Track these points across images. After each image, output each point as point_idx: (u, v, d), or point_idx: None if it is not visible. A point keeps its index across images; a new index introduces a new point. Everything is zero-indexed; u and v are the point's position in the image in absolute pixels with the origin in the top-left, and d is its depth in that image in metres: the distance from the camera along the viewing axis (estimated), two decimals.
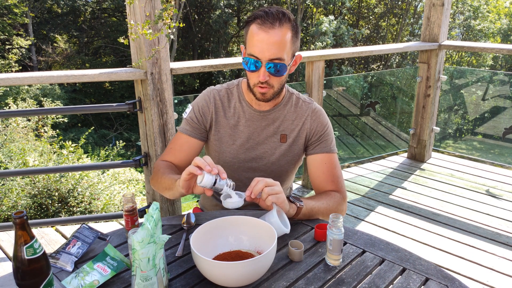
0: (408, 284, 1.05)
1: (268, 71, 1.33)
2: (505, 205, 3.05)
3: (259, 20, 1.30)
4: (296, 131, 1.50)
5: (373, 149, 4.06)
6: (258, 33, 1.30)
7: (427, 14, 3.53)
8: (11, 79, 2.00)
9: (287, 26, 1.31)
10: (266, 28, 1.29)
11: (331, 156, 1.48)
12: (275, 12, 1.30)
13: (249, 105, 1.49)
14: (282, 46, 1.31)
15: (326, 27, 18.46)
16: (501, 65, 20.53)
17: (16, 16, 16.73)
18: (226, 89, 1.53)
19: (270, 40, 1.29)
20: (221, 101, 1.51)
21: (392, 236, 2.67)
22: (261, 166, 1.51)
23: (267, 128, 1.49)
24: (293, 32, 1.34)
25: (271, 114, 1.49)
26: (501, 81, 4.43)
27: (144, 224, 0.92)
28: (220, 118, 1.51)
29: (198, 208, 1.73)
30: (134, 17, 2.02)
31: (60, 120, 9.76)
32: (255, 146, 1.50)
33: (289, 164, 1.53)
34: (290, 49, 1.35)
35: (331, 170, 1.46)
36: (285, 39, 1.31)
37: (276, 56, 1.31)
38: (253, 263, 0.98)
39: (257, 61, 1.32)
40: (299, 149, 1.52)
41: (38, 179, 4.18)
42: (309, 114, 1.50)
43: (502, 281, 2.21)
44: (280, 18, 1.30)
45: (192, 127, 1.51)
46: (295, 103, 1.51)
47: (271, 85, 1.36)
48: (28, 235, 0.86)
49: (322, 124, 1.50)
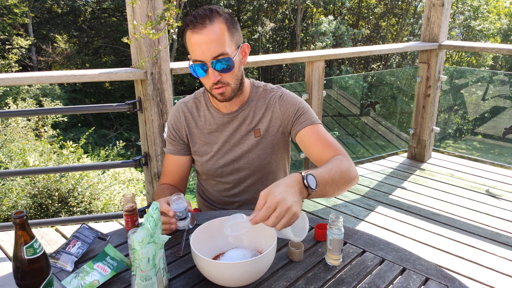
0: (408, 284, 1.05)
1: (216, 70, 1.31)
2: (505, 205, 3.05)
3: (190, 25, 1.29)
4: (267, 122, 1.47)
5: (373, 149, 4.06)
6: (193, 37, 1.29)
7: (427, 14, 3.53)
8: (11, 79, 2.00)
9: (219, 20, 1.30)
10: (198, 29, 1.28)
11: (316, 126, 1.42)
12: (202, 11, 1.29)
13: (217, 110, 1.48)
14: (220, 41, 1.29)
15: (326, 27, 18.46)
16: (501, 65, 20.53)
17: (16, 16, 16.73)
18: (193, 99, 1.53)
19: (206, 39, 1.28)
20: (190, 112, 1.51)
21: (392, 236, 2.67)
22: (244, 165, 1.50)
23: (239, 128, 1.48)
24: (228, 24, 1.32)
25: (240, 113, 1.47)
26: (501, 81, 4.43)
27: (144, 224, 0.92)
28: (193, 129, 1.51)
29: (198, 209, 1.74)
30: (134, 17, 2.02)
31: (60, 120, 9.75)
32: (233, 148, 1.49)
33: (270, 156, 1.50)
34: (231, 42, 1.32)
35: (322, 138, 1.40)
36: (221, 33, 1.29)
37: (217, 52, 1.29)
38: (253, 263, 0.98)
39: (202, 64, 1.31)
40: (277, 139, 1.49)
41: (38, 179, 4.18)
42: (276, 101, 1.47)
43: (502, 281, 2.21)
44: (208, 15, 1.29)
45: (173, 145, 1.53)
46: (262, 95, 1.49)
47: (225, 83, 1.34)
48: (28, 235, 0.86)
49: (292, 104, 1.46)
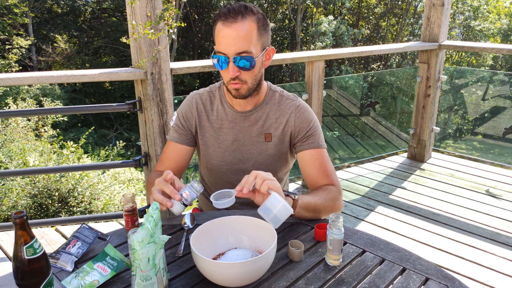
0: (408, 284, 1.05)
1: (237, 66, 1.31)
2: (505, 205, 3.05)
3: (223, 16, 1.30)
4: (280, 129, 1.47)
5: (373, 149, 4.06)
6: (222, 29, 1.29)
7: (427, 14, 3.53)
8: (11, 79, 2.00)
9: (251, 19, 1.30)
10: (229, 23, 1.28)
11: (320, 151, 1.45)
12: (237, 6, 1.30)
13: (231, 107, 1.48)
14: (247, 39, 1.29)
15: (326, 27, 18.46)
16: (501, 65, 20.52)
17: (16, 16, 16.72)
18: (208, 92, 1.53)
19: (234, 34, 1.28)
20: (204, 104, 1.51)
21: (392, 236, 2.67)
22: (249, 167, 1.49)
23: (250, 129, 1.48)
24: (259, 25, 1.32)
25: (253, 114, 1.47)
26: (501, 81, 4.43)
27: (144, 224, 0.92)
28: (204, 122, 1.50)
29: (197, 209, 1.74)
30: (134, 17, 2.02)
31: (60, 120, 9.76)
32: (241, 148, 1.49)
33: (277, 163, 1.51)
34: (258, 42, 1.33)
35: (323, 165, 1.43)
36: (250, 31, 1.29)
37: (242, 49, 1.29)
38: (253, 263, 0.98)
39: (225, 57, 1.31)
40: (286, 147, 1.50)
41: (38, 179, 4.18)
42: (292, 111, 1.47)
43: (502, 281, 2.21)
44: (242, 11, 1.29)
45: (179, 134, 1.51)
46: (278, 101, 1.49)
47: (243, 80, 1.35)
48: (28, 235, 0.86)
49: (307, 120, 1.47)
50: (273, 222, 1.11)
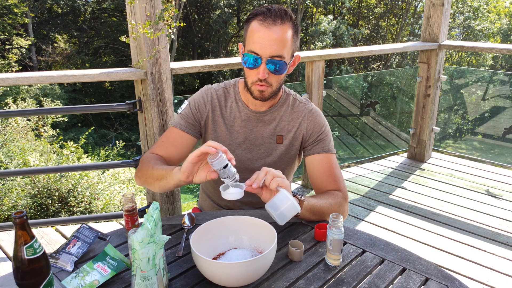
0: (408, 284, 1.05)
1: (268, 68, 1.32)
2: (505, 205, 3.05)
3: (261, 16, 1.29)
4: (292, 132, 1.49)
5: (373, 149, 4.06)
6: (259, 29, 1.29)
7: (427, 14, 3.53)
8: (11, 79, 2.00)
9: (289, 25, 1.31)
10: (268, 24, 1.28)
11: (330, 156, 1.46)
12: (277, 9, 1.30)
13: (245, 106, 1.48)
14: (283, 44, 1.30)
15: (325, 27, 18.46)
16: (501, 65, 20.53)
17: (16, 16, 16.72)
18: (223, 89, 1.52)
19: (272, 36, 1.28)
20: (218, 100, 1.50)
21: (392, 236, 2.67)
22: (258, 168, 1.48)
23: (263, 129, 1.48)
24: (294, 31, 1.33)
25: (267, 115, 1.48)
26: (501, 81, 4.43)
27: (144, 224, 0.92)
28: (217, 117, 1.50)
29: (197, 208, 1.73)
30: (134, 17, 2.02)
31: (60, 120, 9.75)
32: (252, 147, 1.49)
33: (286, 165, 1.52)
34: (290, 48, 1.34)
35: (331, 170, 1.44)
36: (286, 37, 1.30)
37: (277, 53, 1.30)
38: (253, 263, 0.98)
39: (257, 57, 1.31)
40: (296, 150, 1.51)
41: (38, 179, 4.18)
42: (305, 115, 1.49)
43: (502, 281, 2.21)
44: (282, 16, 1.29)
45: (187, 123, 1.48)
46: (291, 104, 1.50)
47: (270, 83, 1.35)
48: (28, 235, 0.86)
49: (319, 124, 1.49)
50: (280, 218, 1.11)
